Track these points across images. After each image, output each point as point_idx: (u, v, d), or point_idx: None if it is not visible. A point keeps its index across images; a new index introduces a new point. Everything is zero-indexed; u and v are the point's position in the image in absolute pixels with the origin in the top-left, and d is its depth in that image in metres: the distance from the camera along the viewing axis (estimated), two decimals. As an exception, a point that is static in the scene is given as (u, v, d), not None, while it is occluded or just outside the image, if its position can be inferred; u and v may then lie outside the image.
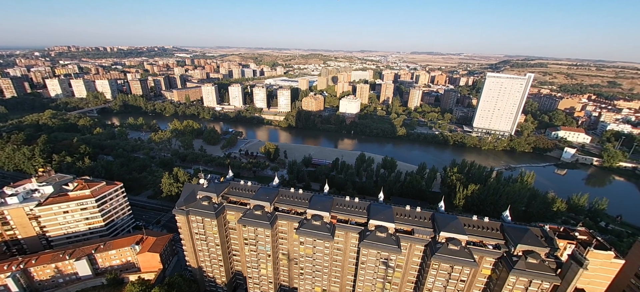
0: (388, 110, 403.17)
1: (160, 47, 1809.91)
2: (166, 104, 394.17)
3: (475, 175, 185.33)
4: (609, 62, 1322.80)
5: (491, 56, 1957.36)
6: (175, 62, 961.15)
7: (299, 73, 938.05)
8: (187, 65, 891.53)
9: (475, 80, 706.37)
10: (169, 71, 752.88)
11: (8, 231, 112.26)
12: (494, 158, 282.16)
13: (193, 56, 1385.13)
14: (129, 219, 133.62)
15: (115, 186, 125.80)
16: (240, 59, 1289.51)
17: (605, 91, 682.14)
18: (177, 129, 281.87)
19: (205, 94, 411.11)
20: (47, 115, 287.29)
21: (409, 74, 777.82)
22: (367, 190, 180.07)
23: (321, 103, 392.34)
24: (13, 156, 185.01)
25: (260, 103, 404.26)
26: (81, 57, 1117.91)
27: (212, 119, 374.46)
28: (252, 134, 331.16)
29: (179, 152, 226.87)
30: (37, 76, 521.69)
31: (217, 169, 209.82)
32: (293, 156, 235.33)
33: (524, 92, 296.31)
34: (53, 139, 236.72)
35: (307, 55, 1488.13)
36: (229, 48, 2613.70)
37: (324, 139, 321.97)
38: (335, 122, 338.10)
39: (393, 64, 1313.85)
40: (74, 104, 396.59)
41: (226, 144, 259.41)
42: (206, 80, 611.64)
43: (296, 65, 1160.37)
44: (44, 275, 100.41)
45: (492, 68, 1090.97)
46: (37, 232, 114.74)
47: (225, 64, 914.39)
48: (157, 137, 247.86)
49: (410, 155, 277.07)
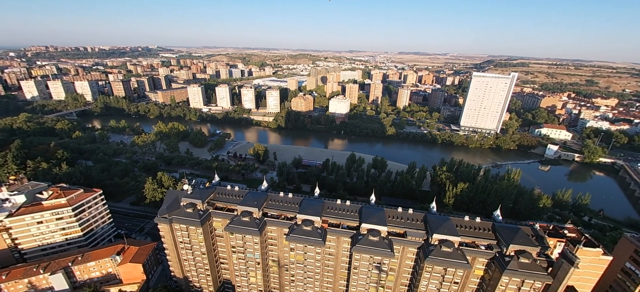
0: (377, 110, 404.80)
1: (144, 47, 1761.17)
2: (150, 106, 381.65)
3: (464, 173, 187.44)
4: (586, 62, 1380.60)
5: (476, 56, 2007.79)
6: (160, 62, 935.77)
7: (288, 73, 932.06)
8: (173, 66, 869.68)
9: (461, 79, 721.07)
10: (154, 72, 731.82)
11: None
12: (481, 156, 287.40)
13: (179, 56, 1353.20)
14: (109, 228, 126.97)
15: (94, 193, 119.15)
16: (228, 59, 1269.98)
17: (583, 89, 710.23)
18: (161, 132, 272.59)
19: (192, 95, 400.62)
20: (22, 119, 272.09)
21: (397, 74, 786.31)
22: (358, 190, 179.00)
23: (311, 103, 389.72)
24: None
25: (248, 104, 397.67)
26: (60, 57, 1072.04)
27: (198, 120, 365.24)
28: (240, 136, 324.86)
29: (164, 156, 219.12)
30: (12, 78, 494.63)
31: (204, 172, 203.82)
32: (283, 158, 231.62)
33: (508, 91, 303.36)
34: (28, 144, 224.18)
35: (295, 56, 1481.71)
36: (216, 48, 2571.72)
37: (314, 140, 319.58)
38: (325, 122, 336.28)
39: (381, 64, 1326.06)
40: (51, 107, 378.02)
41: (213, 146, 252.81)
42: (192, 81, 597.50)
43: (285, 66, 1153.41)
44: (16, 288, 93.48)
45: (477, 68, 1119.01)
46: (9, 245, 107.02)
47: (213, 65, 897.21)
48: (140, 140, 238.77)
49: (400, 154, 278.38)
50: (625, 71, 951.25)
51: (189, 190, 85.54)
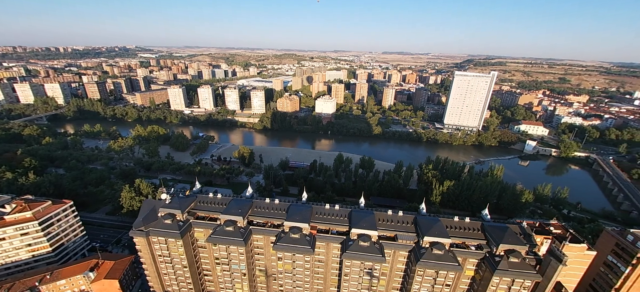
0: (363, 109, 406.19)
1: (121, 47, 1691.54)
2: (128, 109, 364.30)
3: (450, 171, 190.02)
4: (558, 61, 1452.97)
5: (456, 56, 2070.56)
6: (139, 63, 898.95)
7: (273, 73, 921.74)
8: (152, 67, 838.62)
9: (443, 78, 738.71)
10: (132, 73, 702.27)
11: None
12: (464, 153, 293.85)
13: (159, 56, 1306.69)
14: (82, 241, 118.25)
15: (64, 204, 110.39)
16: (211, 59, 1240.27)
17: (557, 87, 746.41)
18: (140, 136, 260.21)
19: (172, 97, 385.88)
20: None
21: (381, 73, 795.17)
22: (347, 191, 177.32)
23: (297, 104, 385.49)
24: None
25: (232, 105, 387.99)
26: (29, 58, 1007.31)
27: (180, 123, 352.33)
28: (225, 138, 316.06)
29: (143, 161, 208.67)
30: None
31: (187, 177, 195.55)
32: (269, 160, 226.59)
33: (488, 89, 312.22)
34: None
35: (280, 55, 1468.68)
36: (199, 48, 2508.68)
37: (301, 141, 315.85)
38: (312, 122, 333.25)
39: (366, 63, 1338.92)
40: (19, 111, 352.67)
41: (196, 149, 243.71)
42: (173, 82, 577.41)
43: (270, 66, 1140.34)
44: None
45: (458, 67, 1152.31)
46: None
47: (194, 65, 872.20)
48: (117, 145, 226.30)
49: (387, 153, 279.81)
50: (594, 69, 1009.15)
51: (168, 199, 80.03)
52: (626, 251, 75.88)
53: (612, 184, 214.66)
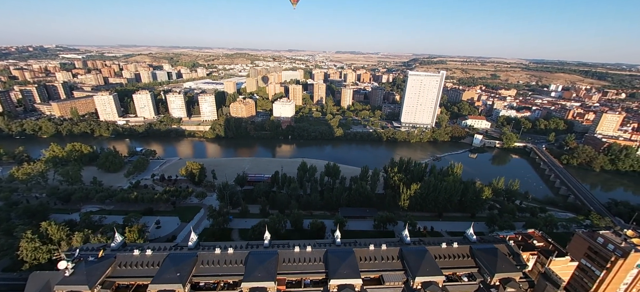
0: (323, 111, 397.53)
1: (37, 46, 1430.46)
2: (42, 122, 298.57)
3: (414, 172, 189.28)
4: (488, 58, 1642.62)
5: (403, 55, 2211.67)
6: (59, 65, 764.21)
7: (225, 74, 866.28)
8: (78, 69, 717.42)
9: (394, 77, 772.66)
10: (49, 77, 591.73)
11: None
12: (421, 150, 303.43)
13: (86, 57, 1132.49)
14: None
15: None
16: (151, 59, 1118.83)
17: (489, 82, 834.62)
18: (56, 157, 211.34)
19: (101, 105, 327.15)
20: None
21: (337, 73, 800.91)
22: (314, 204, 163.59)
23: (252, 108, 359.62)
24: None
25: (177, 112, 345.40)
26: None
27: (113, 136, 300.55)
28: (171, 151, 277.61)
29: (59, 191, 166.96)
30: None
31: (120, 206, 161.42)
32: (224, 175, 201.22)
33: (439, 87, 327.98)
34: None
35: (232, 55, 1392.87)
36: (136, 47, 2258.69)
37: (260, 148, 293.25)
38: (270, 128, 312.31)
39: (321, 63, 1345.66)
40: None
41: (132, 169, 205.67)
42: (104, 87, 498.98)
43: (221, 66, 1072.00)
44: None
45: (405, 66, 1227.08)
46: None
47: (131, 66, 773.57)
48: (21, 172, 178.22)
49: (350, 155, 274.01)
50: (516, 65, 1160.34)
51: (68, 270, 56.22)
52: (599, 254, 76.24)
53: (549, 171, 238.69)
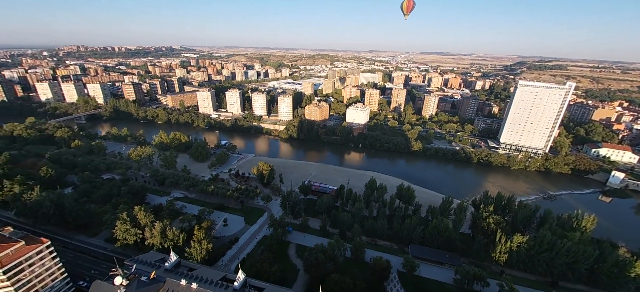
0: (400, 119, 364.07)
1: (168, 47, 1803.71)
2: (159, 111, 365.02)
3: (518, 215, 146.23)
4: (631, 64, 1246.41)
5: (504, 57, 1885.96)
6: (179, 63, 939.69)
7: (305, 75, 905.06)
8: (191, 67, 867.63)
9: (492, 84, 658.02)
10: (171, 73, 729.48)
11: None
12: (526, 181, 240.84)
13: (199, 56, 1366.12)
14: (63, 285, 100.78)
15: (39, 246, 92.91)
16: (246, 59, 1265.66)
17: (635, 97, 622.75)
18: (162, 142, 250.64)
19: (201, 100, 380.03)
20: (22, 126, 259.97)
21: (420, 77, 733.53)
22: (380, 232, 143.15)
23: (326, 111, 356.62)
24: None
25: (259, 110, 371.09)
26: (88, 57, 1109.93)
27: (207, 128, 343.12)
28: (250, 146, 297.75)
29: (158, 174, 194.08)
30: (33, 78, 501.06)
31: (200, 196, 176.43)
32: (290, 178, 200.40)
33: (562, 104, 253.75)
34: (23, 155, 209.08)
35: (314, 56, 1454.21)
36: (237, 48, 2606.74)
37: (329, 153, 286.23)
38: (342, 133, 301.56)
39: (402, 64, 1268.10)
40: (63, 110, 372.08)
41: (215, 161, 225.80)
42: (207, 83, 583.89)
43: (302, 66, 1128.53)
44: None
45: (508, 70, 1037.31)
46: None
47: (230, 65, 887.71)
48: (135, 153, 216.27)
49: (428, 175, 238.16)
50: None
51: (122, 289, 55.24)
52: None
53: None
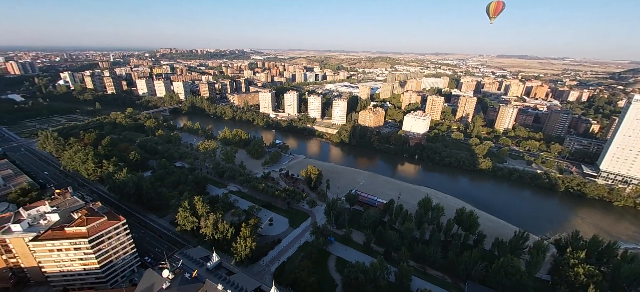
0: (467, 131, 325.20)
1: (240, 50, 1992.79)
2: (226, 108, 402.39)
3: (623, 271, 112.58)
4: None
5: (610, 62, 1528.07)
6: (248, 65, 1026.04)
7: (363, 78, 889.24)
8: (258, 68, 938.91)
9: (591, 95, 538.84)
10: (240, 74, 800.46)
11: (12, 259, 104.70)
12: (634, 221, 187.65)
13: (266, 59, 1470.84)
14: (132, 259, 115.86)
15: (117, 222, 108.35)
16: (307, 61, 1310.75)
17: None
18: (225, 138, 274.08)
19: (262, 100, 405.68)
20: (122, 115, 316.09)
21: (495, 83, 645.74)
22: (431, 260, 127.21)
23: (381, 117, 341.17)
24: (74, 157, 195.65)
25: (314, 112, 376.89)
26: (177, 58, 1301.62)
27: (265, 126, 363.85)
28: (302, 147, 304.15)
29: (219, 167, 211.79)
30: (135, 75, 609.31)
31: (252, 193, 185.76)
32: (337, 185, 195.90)
33: None
34: (117, 140, 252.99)
35: (373, 58, 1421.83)
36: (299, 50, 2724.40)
37: (381, 162, 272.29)
38: (396, 142, 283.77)
39: (474, 69, 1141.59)
40: (153, 103, 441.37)
41: (269, 160, 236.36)
42: (270, 84, 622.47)
43: (361, 69, 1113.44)
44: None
45: (615, 79, 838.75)
46: (38, 263, 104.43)
47: (291, 67, 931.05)
48: (203, 146, 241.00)
49: (497, 200, 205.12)
50: None
51: (167, 282, 58.62)
52: None
53: None
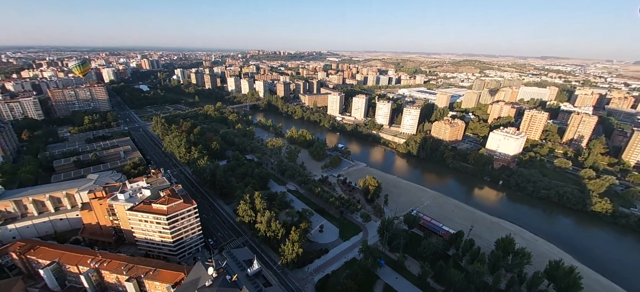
0: (578, 159, 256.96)
1: (317, 51, 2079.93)
2: (297, 108, 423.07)
3: None
4: None
5: None
6: (322, 66, 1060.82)
7: (443, 83, 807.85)
8: (331, 70, 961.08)
9: None
10: (314, 75, 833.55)
11: (115, 221, 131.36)
12: None
13: (341, 60, 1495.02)
14: (198, 239, 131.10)
15: (190, 205, 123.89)
16: (382, 64, 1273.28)
17: None
18: (292, 137, 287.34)
19: (330, 102, 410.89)
20: (212, 108, 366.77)
21: (629, 99, 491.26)
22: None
23: (459, 131, 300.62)
24: (172, 141, 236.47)
25: (381, 118, 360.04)
26: (263, 59, 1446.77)
27: (330, 128, 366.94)
28: (364, 154, 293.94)
29: (282, 165, 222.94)
30: (227, 74, 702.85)
31: (309, 195, 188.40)
32: (397, 202, 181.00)
33: None
34: (206, 130, 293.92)
35: (458, 62, 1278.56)
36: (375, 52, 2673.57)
37: (452, 182, 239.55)
38: (476, 162, 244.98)
39: (597, 78, 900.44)
40: (238, 99, 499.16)
41: (328, 164, 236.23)
42: (341, 86, 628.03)
43: (441, 73, 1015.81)
44: (110, 279, 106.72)
45: None
46: (131, 228, 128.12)
47: (365, 70, 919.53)
48: (270, 143, 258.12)
49: (614, 257, 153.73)
50: None
51: (211, 277, 61.97)
52: None
53: None
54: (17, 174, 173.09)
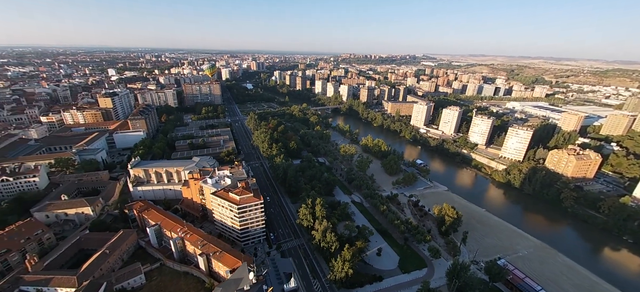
0: None
1: (411, 55, 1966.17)
2: (377, 115, 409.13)
3: None
4: None
5: None
6: (414, 71, 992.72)
7: (577, 99, 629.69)
8: (424, 76, 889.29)
9: None
10: (403, 80, 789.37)
11: (203, 200, 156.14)
12: None
13: (438, 65, 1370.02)
14: (260, 230, 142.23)
15: (257, 200, 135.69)
16: (489, 70, 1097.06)
17: None
18: (366, 145, 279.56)
19: (415, 112, 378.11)
20: (297, 108, 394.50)
21: None
22: None
23: (591, 166, 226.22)
24: (259, 136, 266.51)
25: (477, 137, 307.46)
26: (353, 62, 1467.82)
27: (411, 141, 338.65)
28: (447, 176, 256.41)
29: (350, 173, 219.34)
30: (317, 76, 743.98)
31: (371, 210, 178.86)
32: (480, 243, 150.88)
33: None
34: (289, 128, 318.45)
35: (605, 71, 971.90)
36: (483, 56, 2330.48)
37: (569, 231, 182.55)
38: (614, 212, 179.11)
39: None
40: (321, 101, 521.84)
41: (401, 180, 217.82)
42: (432, 95, 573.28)
43: (576, 85, 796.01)
44: (189, 249, 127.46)
45: None
46: (212, 210, 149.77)
47: (465, 77, 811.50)
48: (343, 149, 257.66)
49: None
50: None
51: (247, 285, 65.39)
52: None
53: None
54: (152, 148, 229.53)
